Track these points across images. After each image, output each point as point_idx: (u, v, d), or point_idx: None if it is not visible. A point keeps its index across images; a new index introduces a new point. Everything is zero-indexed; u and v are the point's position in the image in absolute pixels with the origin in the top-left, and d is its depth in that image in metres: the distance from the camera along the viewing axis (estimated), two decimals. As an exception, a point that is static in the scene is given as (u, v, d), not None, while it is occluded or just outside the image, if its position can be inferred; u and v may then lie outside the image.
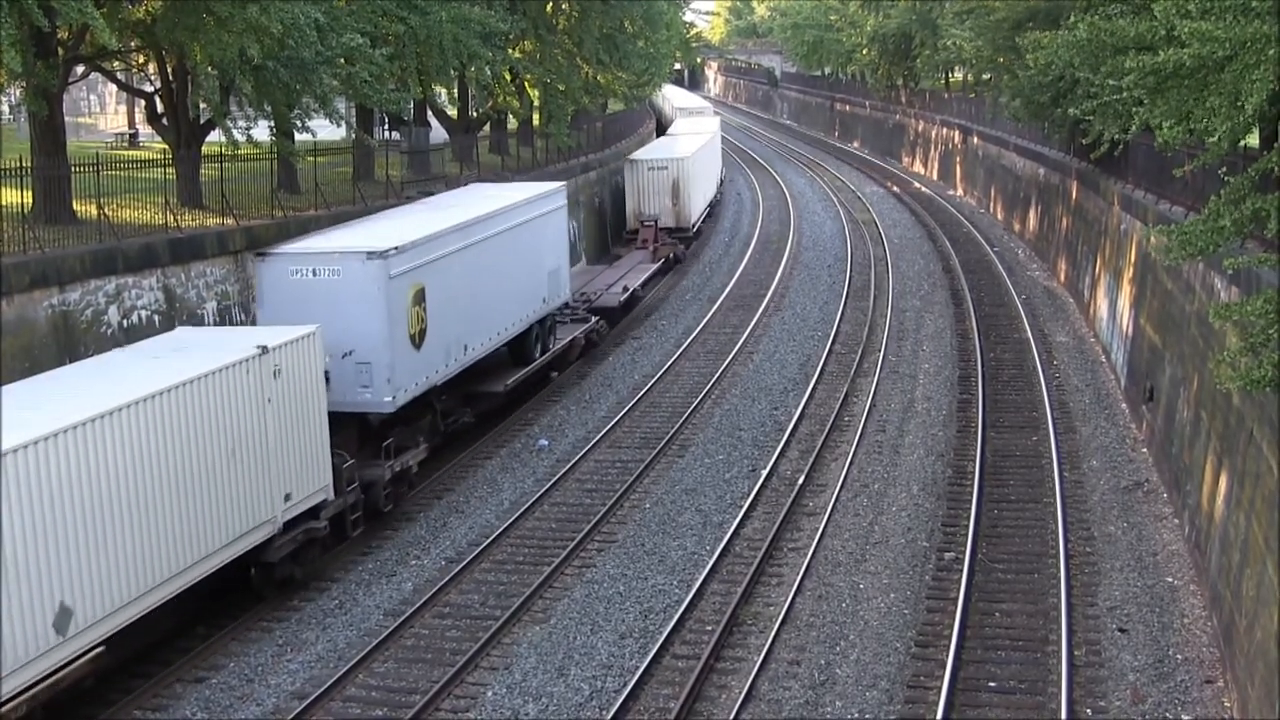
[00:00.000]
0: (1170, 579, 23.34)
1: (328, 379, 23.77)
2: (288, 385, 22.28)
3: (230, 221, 30.24)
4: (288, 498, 22.30)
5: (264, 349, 21.55)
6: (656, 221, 56.07)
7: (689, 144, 64.42)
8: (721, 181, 79.13)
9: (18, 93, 29.53)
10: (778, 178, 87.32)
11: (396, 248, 25.99)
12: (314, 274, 25.80)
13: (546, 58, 51.75)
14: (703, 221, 66.04)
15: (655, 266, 51.99)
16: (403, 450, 27.12)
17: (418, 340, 26.84)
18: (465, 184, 40.73)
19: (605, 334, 42.01)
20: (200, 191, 32.32)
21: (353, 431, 25.79)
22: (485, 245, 30.52)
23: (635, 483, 28.78)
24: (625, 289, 45.79)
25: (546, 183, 38.97)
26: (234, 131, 31.06)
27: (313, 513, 23.23)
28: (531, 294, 34.02)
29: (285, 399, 22.17)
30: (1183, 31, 17.02)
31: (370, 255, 25.62)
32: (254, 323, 29.46)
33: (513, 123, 58.12)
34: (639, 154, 61.04)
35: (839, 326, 43.41)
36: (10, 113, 56.76)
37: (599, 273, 50.02)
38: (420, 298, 26.96)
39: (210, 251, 28.55)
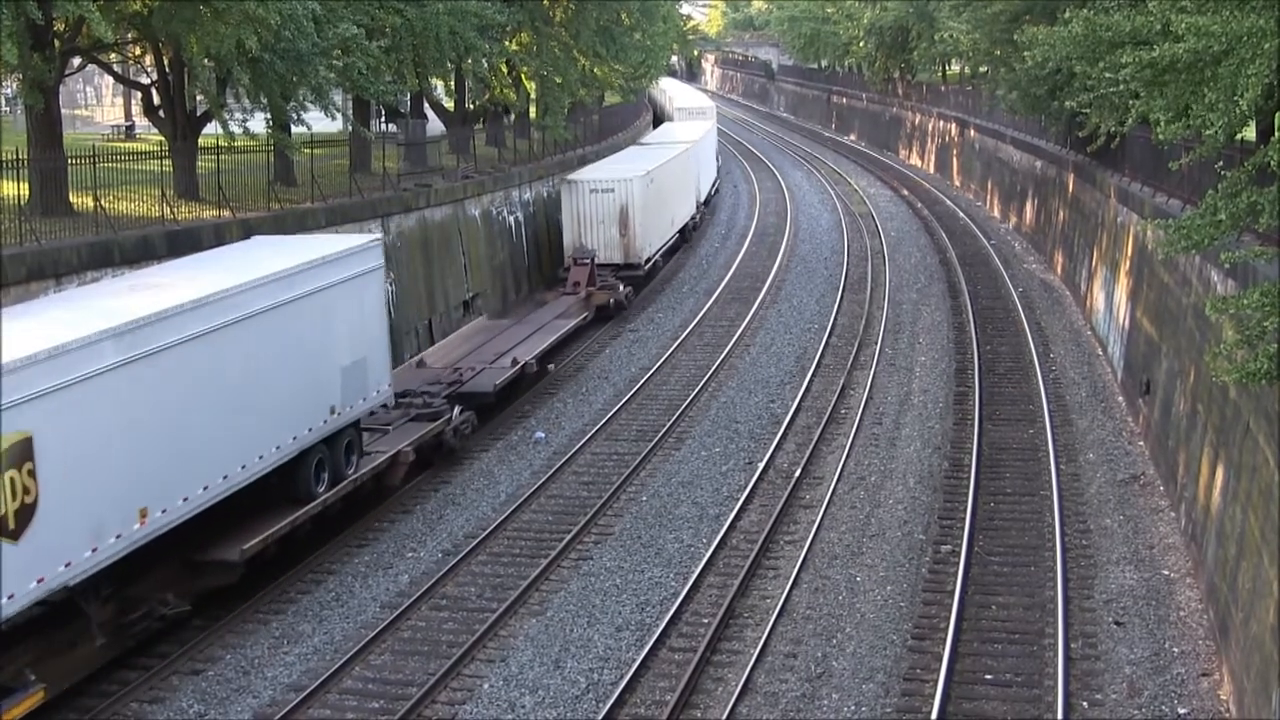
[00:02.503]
0: (1166, 572, 23.37)
1: None
2: None
3: (227, 214, 30.22)
4: None
5: None
6: (593, 259, 45.22)
7: (650, 158, 53.92)
8: (709, 195, 70.88)
9: (14, 85, 29.49)
10: (774, 170, 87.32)
11: None
12: None
13: (543, 50, 51.75)
14: (691, 233, 59.26)
15: (574, 323, 40.37)
16: None
17: (12, 524, 17.11)
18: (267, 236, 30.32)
19: (469, 431, 30.80)
20: (197, 184, 32.31)
21: None
22: (193, 349, 20.54)
23: (632, 475, 28.78)
24: (514, 362, 34.48)
25: (352, 236, 29.02)
26: (231, 124, 31.04)
27: None
28: (306, 405, 23.80)
29: None
30: (1178, 26, 17.04)
31: None
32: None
33: (510, 115, 58.07)
34: (580, 173, 49.48)
35: (836, 319, 43.41)
36: (7, 105, 56.76)
37: (498, 332, 38.76)
38: (23, 455, 17.35)
39: (206, 244, 28.50)
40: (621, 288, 45.63)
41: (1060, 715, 18.39)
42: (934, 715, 18.36)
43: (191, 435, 20.61)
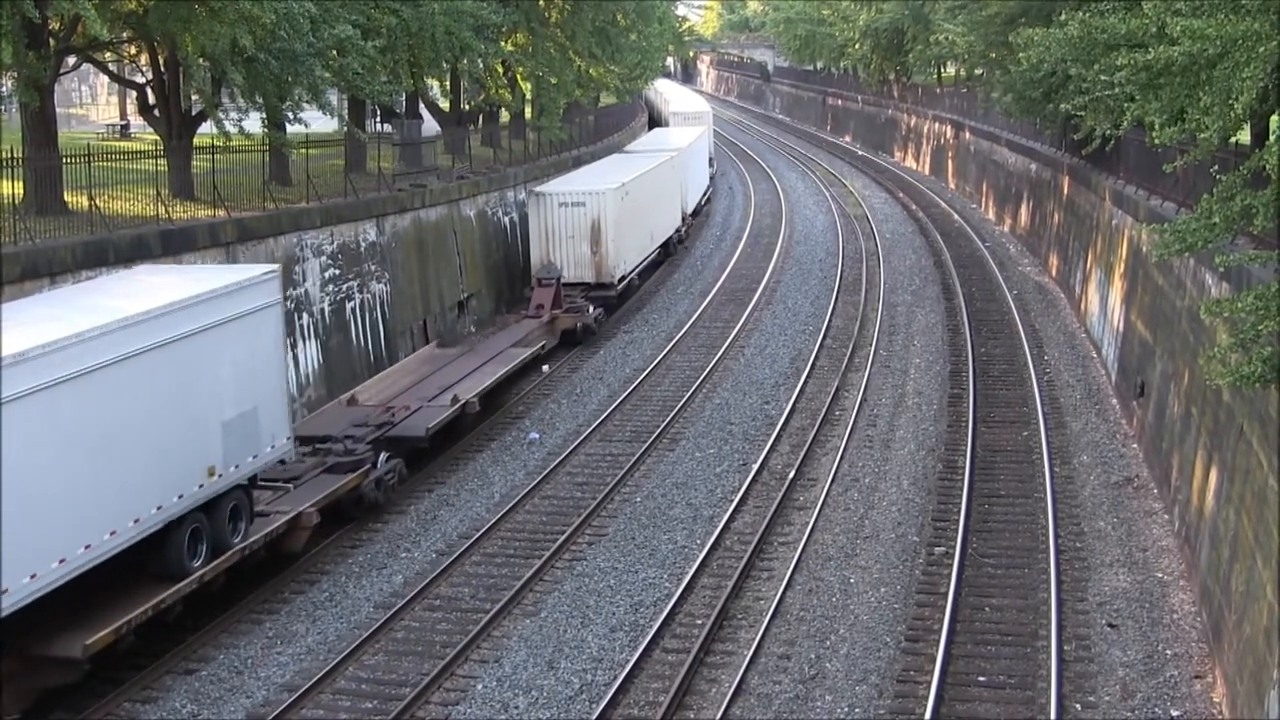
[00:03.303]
0: (1160, 574, 23.40)
1: None
2: None
3: (221, 213, 30.19)
4: None
5: None
6: (559, 279, 41.64)
7: (629, 168, 50.10)
8: (700, 206, 68.01)
9: (9, 84, 29.46)
10: (769, 172, 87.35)
11: None
12: None
13: (539, 50, 51.80)
14: (667, 253, 54.87)
15: (529, 353, 36.34)
16: None
17: None
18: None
19: (395, 482, 27.53)
20: (192, 183, 32.28)
21: None
22: (19, 410, 17.15)
23: (626, 476, 28.78)
24: (454, 400, 30.70)
25: (248, 268, 25.27)
26: (226, 123, 31.01)
27: None
28: (175, 468, 20.39)
29: None
30: (1173, 29, 17.07)
31: None
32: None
33: (505, 115, 58.09)
34: (548, 185, 46.17)
35: (830, 321, 43.43)
36: (2, 104, 56.64)
37: (446, 362, 35.06)
38: None
39: (201, 243, 28.52)
40: (591, 310, 42.16)
41: (1053, 717, 18.41)
42: (927, 717, 18.37)
43: (15, 516, 16.94)
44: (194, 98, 32.95)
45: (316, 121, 36.10)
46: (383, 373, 34.05)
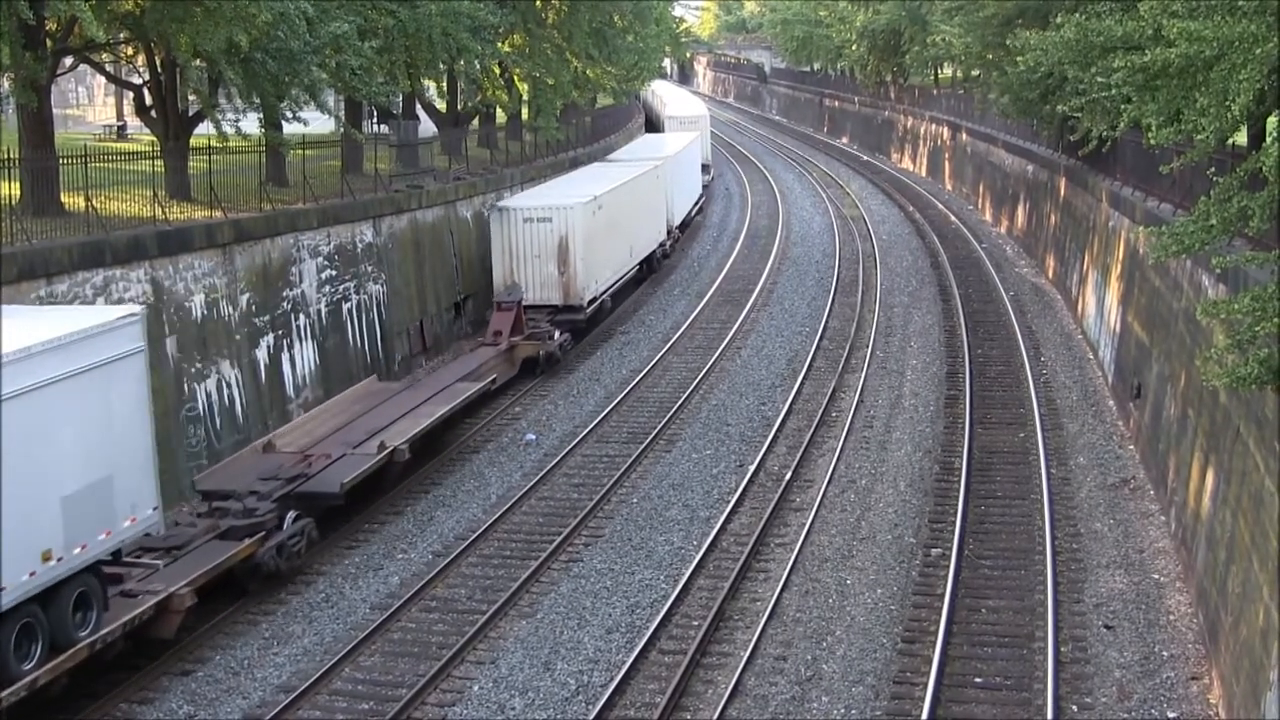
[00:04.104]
0: (1156, 576, 23.41)
1: None
2: None
3: (218, 214, 30.18)
4: None
5: None
6: (519, 302, 38.18)
7: (605, 180, 46.62)
8: (689, 218, 64.52)
9: (6, 85, 29.43)
10: (766, 173, 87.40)
11: None
12: None
13: (536, 51, 51.78)
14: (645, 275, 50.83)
15: (478, 388, 32.26)
16: None
17: None
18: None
19: (303, 547, 23.90)
20: (188, 184, 32.24)
21: None
22: None
23: (622, 477, 28.78)
24: (380, 447, 26.82)
25: (104, 310, 21.89)
26: (223, 124, 30.99)
27: None
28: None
29: None
30: (1170, 31, 17.07)
31: None
32: (240, 317, 29.47)
33: (501, 116, 58.09)
34: (513, 199, 42.96)
35: (827, 322, 43.44)
36: (-2, 104, 56.57)
37: (385, 398, 31.01)
38: None
39: (198, 244, 28.51)
40: (556, 335, 38.41)
41: (1050, 719, 18.41)
42: (924, 718, 18.37)
43: None
44: (191, 98, 32.94)
45: (314, 122, 36.08)
46: (311, 411, 30.41)
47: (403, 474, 28.14)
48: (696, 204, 68.38)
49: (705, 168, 76.82)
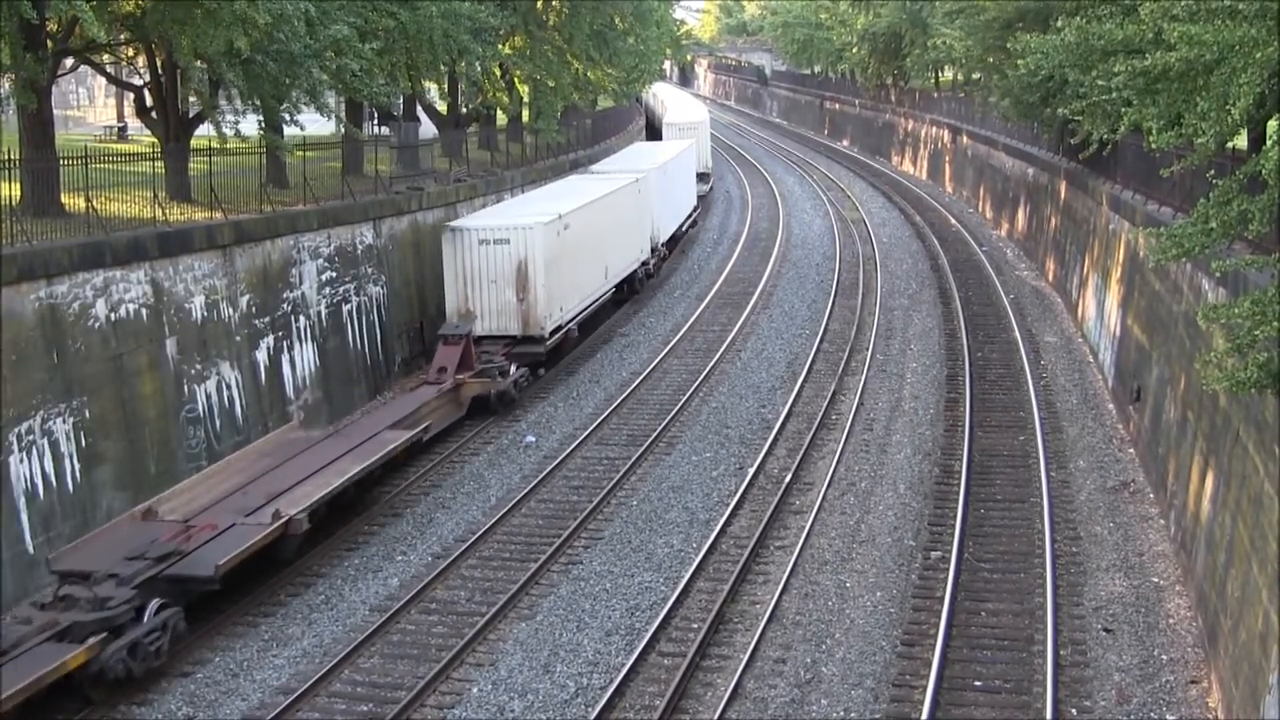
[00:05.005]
0: (1156, 579, 23.40)
1: None
2: None
3: (218, 215, 30.19)
4: None
5: None
6: (468, 335, 34.29)
7: (576, 195, 42.64)
8: (679, 232, 60.21)
9: (7, 85, 29.44)
10: (766, 175, 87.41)
11: None
12: None
13: (536, 54, 51.83)
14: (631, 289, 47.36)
15: (404, 438, 28.16)
16: None
17: None
18: None
19: (160, 647, 20.05)
20: (189, 185, 32.25)
21: None
22: None
23: (622, 480, 28.77)
24: (275, 516, 22.98)
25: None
26: (223, 125, 31.00)
27: None
28: None
29: None
30: (1171, 35, 17.09)
31: None
32: (240, 318, 29.48)
33: (502, 118, 58.12)
34: (467, 219, 38.21)
35: (827, 325, 43.43)
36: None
37: (302, 448, 27.25)
38: None
39: (198, 245, 28.51)
40: (513, 371, 34.74)
41: (1049, 722, 18.43)
42: (923, 721, 18.39)
43: None
44: (192, 100, 32.94)
45: (314, 123, 36.09)
46: (210, 468, 26.33)
47: (306, 544, 24.33)
48: (689, 218, 63.62)
49: (703, 176, 72.87)
